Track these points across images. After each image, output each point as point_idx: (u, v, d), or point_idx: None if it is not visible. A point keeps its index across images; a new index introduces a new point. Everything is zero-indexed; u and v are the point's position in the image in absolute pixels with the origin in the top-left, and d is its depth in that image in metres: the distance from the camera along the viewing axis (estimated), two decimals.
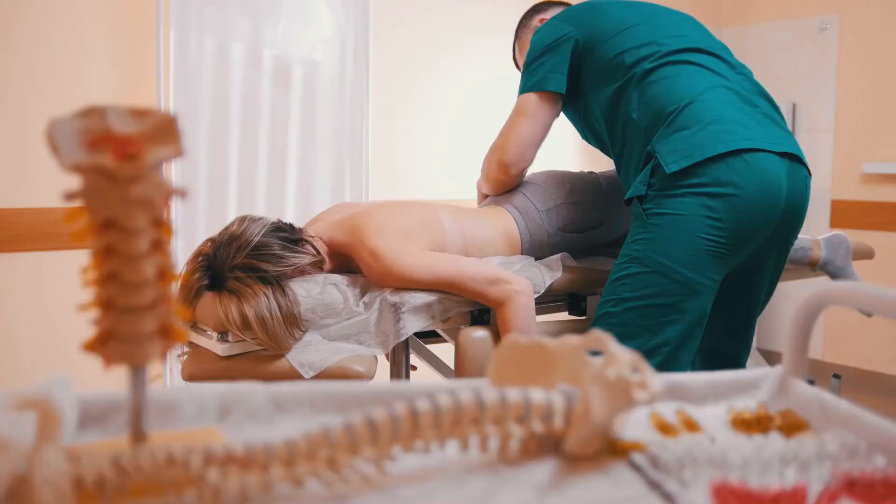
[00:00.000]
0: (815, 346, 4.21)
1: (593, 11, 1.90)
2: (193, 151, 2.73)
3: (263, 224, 1.73)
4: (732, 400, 0.79)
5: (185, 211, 2.72)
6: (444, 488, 0.59)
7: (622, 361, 0.66)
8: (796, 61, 4.23)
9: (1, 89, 2.46)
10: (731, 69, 1.78)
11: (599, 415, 0.62)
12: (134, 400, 0.59)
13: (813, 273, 2.50)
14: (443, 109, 3.45)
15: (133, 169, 0.57)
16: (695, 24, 1.92)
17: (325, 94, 3.03)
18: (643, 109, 1.73)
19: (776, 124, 1.73)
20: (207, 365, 1.73)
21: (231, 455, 0.55)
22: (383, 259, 1.72)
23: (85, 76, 2.62)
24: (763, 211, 1.63)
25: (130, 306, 0.58)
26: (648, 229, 1.68)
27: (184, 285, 1.67)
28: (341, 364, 1.68)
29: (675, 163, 1.63)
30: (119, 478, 0.52)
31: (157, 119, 0.62)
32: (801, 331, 0.78)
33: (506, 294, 1.72)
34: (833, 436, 0.68)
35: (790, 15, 4.25)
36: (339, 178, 3.10)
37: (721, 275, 1.67)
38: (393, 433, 0.59)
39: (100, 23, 2.64)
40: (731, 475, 0.62)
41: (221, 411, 0.70)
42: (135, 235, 0.58)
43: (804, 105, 4.23)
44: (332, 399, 0.72)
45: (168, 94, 2.65)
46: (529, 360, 0.72)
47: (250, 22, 2.82)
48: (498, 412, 0.63)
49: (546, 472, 0.62)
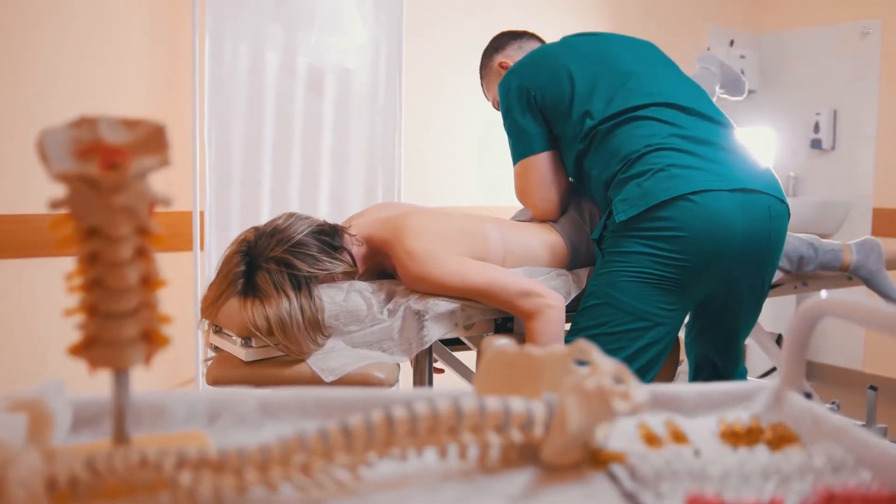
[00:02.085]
0: (855, 357, 4.13)
1: (545, 65, 1.98)
2: (227, 158, 2.78)
3: (309, 223, 1.77)
4: (726, 412, 0.79)
5: (218, 218, 2.76)
6: (418, 495, 0.60)
7: (604, 371, 0.66)
8: (837, 67, 4.16)
9: (38, 96, 2.53)
10: (683, 114, 1.85)
11: (575, 424, 0.62)
12: (117, 403, 0.61)
13: (849, 283, 2.46)
14: (475, 116, 3.46)
15: (116, 178, 0.59)
16: (642, 55, 1.98)
17: (358, 101, 3.05)
18: (601, 166, 1.85)
19: (736, 158, 1.82)
20: (231, 370, 1.76)
21: (205, 458, 0.56)
22: (418, 261, 1.74)
23: (121, 84, 2.68)
24: (712, 246, 1.73)
25: (114, 312, 0.60)
26: (604, 266, 1.81)
27: (222, 266, 1.71)
28: (362, 370, 1.69)
29: (623, 212, 1.75)
30: (92, 479, 0.53)
31: (146, 129, 0.63)
32: (797, 343, 0.77)
33: (538, 308, 1.73)
34: (820, 450, 0.67)
35: (831, 20, 4.18)
36: (372, 185, 3.12)
37: (676, 304, 1.78)
38: (368, 440, 0.60)
39: (136, 32, 2.70)
40: (709, 488, 0.62)
41: (211, 416, 0.71)
42: (118, 243, 0.59)
43: (845, 112, 4.15)
44: (321, 405, 0.73)
45: (203, 102, 2.70)
46: (516, 370, 0.72)
47: (284, 30, 2.86)
48: (476, 420, 0.63)
49: (523, 482, 0.62)
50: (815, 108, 4.22)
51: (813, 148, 4.25)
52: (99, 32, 2.62)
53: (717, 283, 1.81)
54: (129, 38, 2.68)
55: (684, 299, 1.80)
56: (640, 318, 1.76)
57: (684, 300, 1.80)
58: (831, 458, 0.66)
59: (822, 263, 2.23)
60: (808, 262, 2.21)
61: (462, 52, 3.45)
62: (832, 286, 2.54)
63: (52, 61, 2.55)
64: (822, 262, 2.23)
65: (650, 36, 2.16)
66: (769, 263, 1.87)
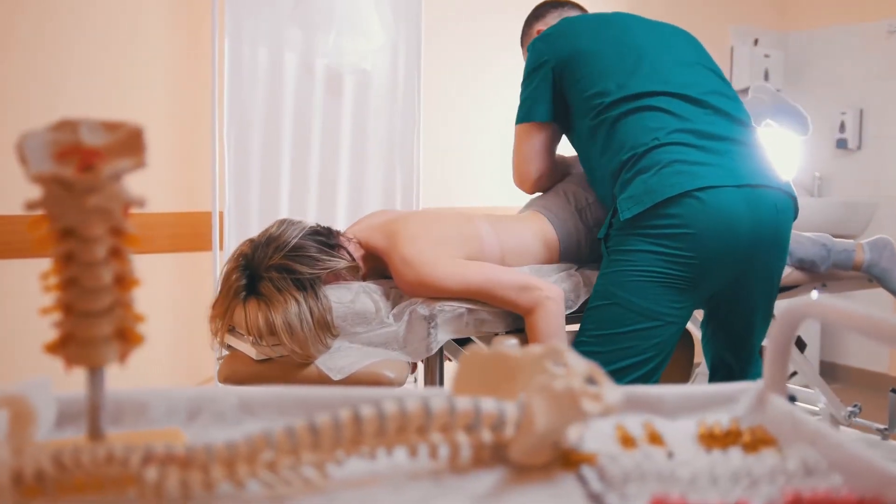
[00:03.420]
0: (881, 359, 4.07)
1: (569, 36, 1.97)
2: (246, 159, 2.81)
3: (301, 227, 1.77)
4: (707, 414, 0.78)
5: (238, 218, 2.79)
6: (383, 494, 0.60)
7: (575, 372, 0.66)
8: (863, 66, 4.11)
9: (57, 99, 2.57)
10: (694, 106, 1.82)
11: (543, 425, 0.63)
12: (91, 400, 0.62)
13: (870, 284, 2.43)
14: (495, 116, 3.46)
15: (90, 179, 0.60)
16: (668, 41, 1.96)
17: (377, 102, 3.07)
18: (609, 155, 1.84)
19: (744, 152, 1.80)
20: (242, 368, 1.78)
21: (171, 454, 0.57)
22: (414, 266, 1.74)
23: (141, 86, 2.71)
24: (719, 244, 1.72)
25: (88, 310, 0.61)
26: (610, 265, 1.81)
27: (223, 284, 1.72)
28: (372, 369, 1.70)
29: (628, 209, 1.75)
30: (59, 473, 0.55)
31: (125, 132, 0.65)
32: (780, 346, 0.77)
33: (536, 300, 1.73)
34: (795, 453, 0.66)
35: (857, 18, 4.12)
36: (391, 186, 3.13)
37: (684, 301, 1.77)
38: (335, 438, 0.61)
39: (156, 35, 2.73)
40: (677, 490, 0.62)
41: (190, 413, 0.72)
42: (92, 243, 0.61)
43: (872, 110, 4.10)
44: (300, 403, 0.74)
45: (222, 104, 2.73)
46: (493, 371, 0.73)
47: (303, 32, 2.88)
48: (446, 420, 0.64)
49: (490, 482, 0.63)
50: (840, 107, 4.17)
51: (838, 148, 4.20)
52: (118, 35, 2.66)
53: (725, 279, 1.81)
54: (148, 40, 2.72)
55: (692, 296, 1.80)
56: (650, 318, 1.76)
57: (692, 297, 1.80)
58: (805, 461, 0.65)
59: (836, 263, 2.22)
60: (821, 262, 2.20)
61: (481, 52, 3.46)
62: (852, 288, 2.51)
63: (72, 63, 2.59)
64: (835, 262, 2.22)
65: None
66: (777, 258, 1.86)
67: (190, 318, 2.81)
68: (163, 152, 2.74)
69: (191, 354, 2.88)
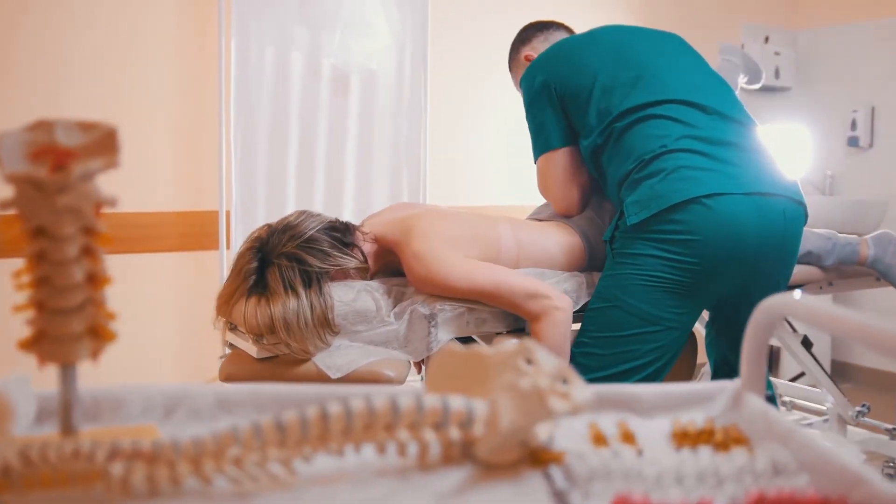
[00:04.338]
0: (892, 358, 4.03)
1: (564, 58, 1.97)
2: (253, 159, 2.82)
3: (320, 220, 1.79)
4: (684, 413, 0.78)
5: (244, 217, 2.80)
6: (348, 490, 0.61)
7: (543, 371, 0.66)
8: (875, 64, 4.07)
9: (64, 100, 2.59)
10: (701, 113, 1.81)
11: (508, 423, 0.63)
12: (63, 396, 0.63)
13: (878, 283, 2.41)
14: (501, 116, 3.46)
15: (61, 179, 0.61)
16: (666, 49, 1.95)
17: (383, 102, 3.08)
18: (617, 164, 1.83)
19: (753, 159, 1.79)
20: (243, 366, 1.79)
21: (138, 450, 0.58)
22: (424, 262, 1.75)
23: (148, 87, 2.73)
24: (725, 251, 1.71)
25: (60, 308, 0.62)
26: (614, 268, 1.81)
27: (235, 263, 1.74)
28: (372, 368, 1.70)
29: (634, 214, 1.74)
30: (25, 468, 0.56)
31: (99, 132, 0.66)
32: (757, 345, 0.77)
33: (544, 309, 1.73)
34: (765, 453, 0.66)
35: (868, 16, 4.09)
36: (397, 185, 3.14)
37: (687, 307, 1.77)
38: (301, 435, 0.61)
39: (162, 35, 2.75)
40: (641, 489, 0.62)
41: (167, 410, 0.73)
42: (63, 242, 0.62)
43: (884, 109, 4.06)
44: (276, 400, 0.75)
45: (229, 103, 2.74)
46: (467, 369, 0.73)
47: (309, 31, 2.89)
48: (414, 418, 0.64)
49: (456, 479, 0.63)
50: (851, 105, 4.14)
51: (850, 146, 4.17)
52: (125, 35, 2.68)
53: (730, 286, 1.80)
54: (155, 40, 2.74)
55: (695, 302, 1.79)
56: (650, 322, 1.75)
57: (695, 303, 1.80)
58: (774, 461, 0.65)
59: (840, 257, 2.20)
60: (825, 255, 2.19)
61: (488, 51, 3.46)
62: (860, 287, 2.49)
63: (78, 62, 2.61)
64: (839, 256, 2.21)
65: (683, 32, 2.13)
66: (784, 266, 1.86)
67: (196, 317, 2.83)
68: (170, 151, 2.76)
69: (197, 353, 2.89)
